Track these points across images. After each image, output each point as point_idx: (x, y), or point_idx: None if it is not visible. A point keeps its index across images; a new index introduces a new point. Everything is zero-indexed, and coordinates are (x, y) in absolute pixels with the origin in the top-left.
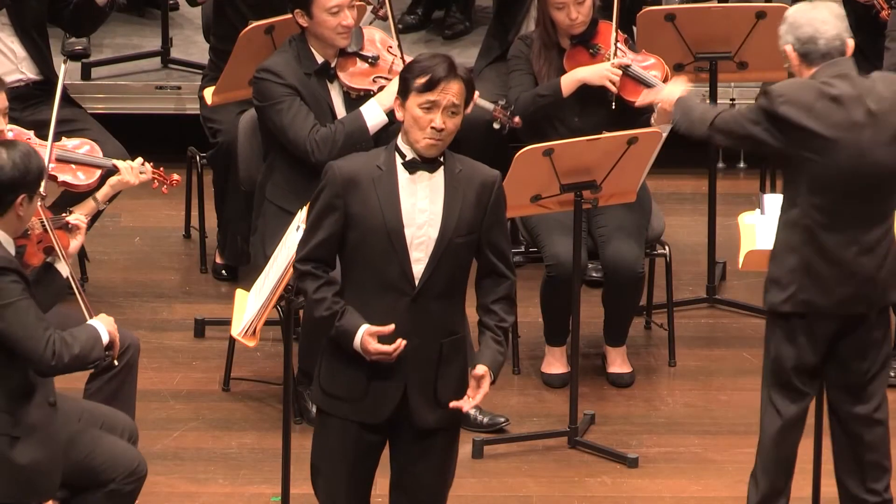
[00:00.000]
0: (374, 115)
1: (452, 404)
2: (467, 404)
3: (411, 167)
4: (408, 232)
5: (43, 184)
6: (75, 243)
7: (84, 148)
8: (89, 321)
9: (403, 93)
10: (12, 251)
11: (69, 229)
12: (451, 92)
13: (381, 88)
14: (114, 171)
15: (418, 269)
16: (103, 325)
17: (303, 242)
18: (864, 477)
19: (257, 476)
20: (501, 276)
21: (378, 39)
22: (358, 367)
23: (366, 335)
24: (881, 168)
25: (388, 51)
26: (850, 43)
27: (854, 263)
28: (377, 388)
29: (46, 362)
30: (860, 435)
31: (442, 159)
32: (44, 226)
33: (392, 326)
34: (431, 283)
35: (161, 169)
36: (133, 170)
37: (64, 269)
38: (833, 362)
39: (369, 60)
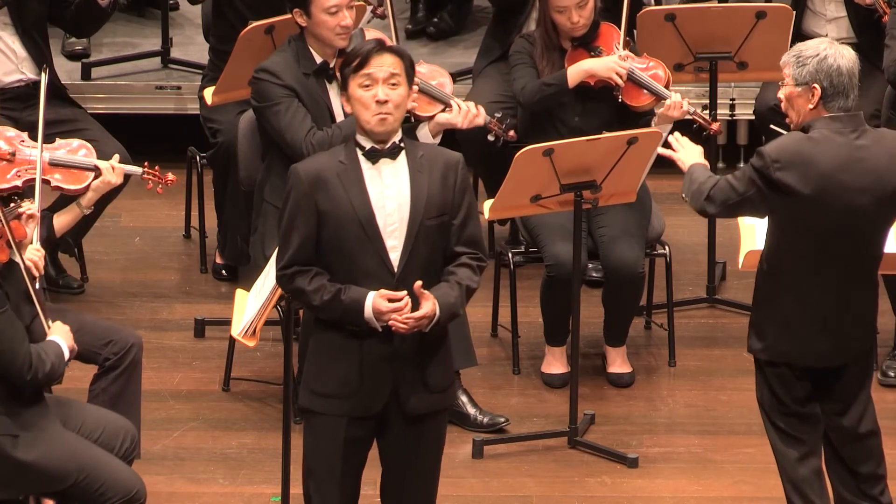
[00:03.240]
0: None
1: (391, 322)
2: (403, 317)
3: (372, 156)
4: (379, 220)
5: (38, 189)
6: (30, 231)
7: (78, 150)
8: (49, 337)
9: (344, 85)
10: None
11: (23, 219)
12: (386, 63)
13: None
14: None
15: (395, 256)
16: (63, 341)
17: (281, 251)
18: (859, 485)
19: (257, 476)
20: (469, 258)
21: None
22: (348, 360)
23: (377, 297)
24: (869, 229)
25: None
26: None
27: (833, 319)
28: (369, 379)
29: (24, 376)
30: (849, 450)
31: (402, 144)
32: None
33: (404, 292)
34: (410, 269)
35: (157, 168)
36: (114, 169)
37: (19, 260)
38: (818, 396)
39: None
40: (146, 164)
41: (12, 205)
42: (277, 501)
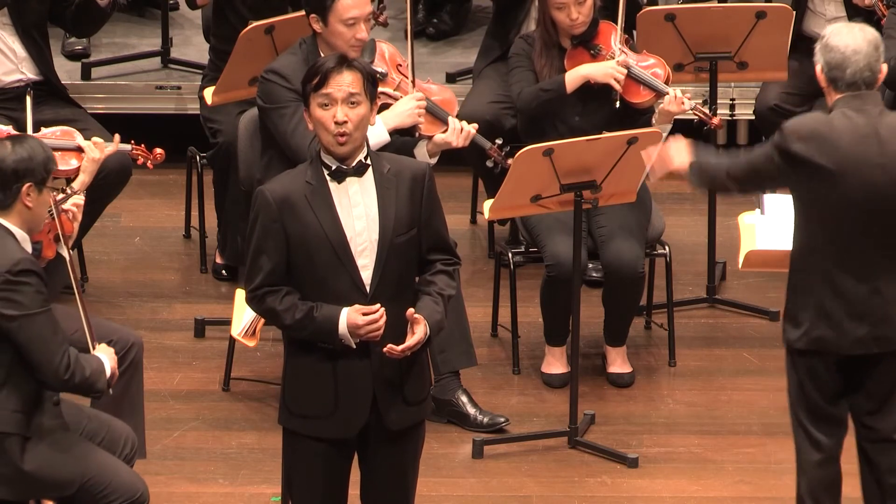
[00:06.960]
0: (376, 132)
1: (386, 349)
2: (400, 347)
3: (338, 176)
4: (350, 241)
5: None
6: (76, 224)
7: (63, 135)
8: (96, 353)
9: (305, 102)
10: (29, 248)
11: (70, 215)
12: (345, 82)
13: (385, 105)
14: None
15: (366, 275)
16: (108, 360)
17: (251, 274)
18: (885, 499)
19: (257, 476)
20: (443, 263)
21: (388, 56)
22: (324, 381)
23: (352, 312)
24: (890, 207)
25: (398, 69)
26: (884, 69)
27: (865, 303)
28: (347, 399)
29: (60, 376)
30: (879, 459)
31: (368, 161)
32: (51, 215)
33: (378, 304)
34: (382, 287)
35: (142, 146)
36: (96, 145)
37: (66, 253)
38: (850, 392)
39: (377, 75)
40: (132, 141)
41: (62, 195)
42: (277, 501)
